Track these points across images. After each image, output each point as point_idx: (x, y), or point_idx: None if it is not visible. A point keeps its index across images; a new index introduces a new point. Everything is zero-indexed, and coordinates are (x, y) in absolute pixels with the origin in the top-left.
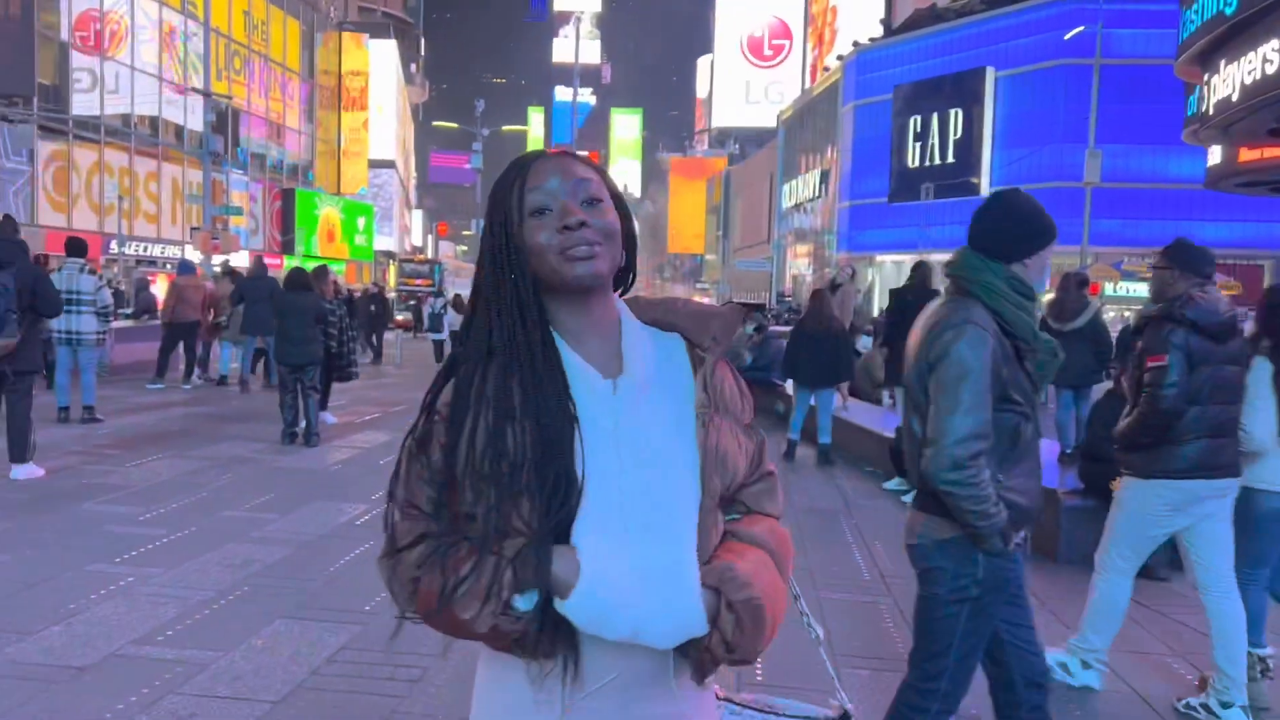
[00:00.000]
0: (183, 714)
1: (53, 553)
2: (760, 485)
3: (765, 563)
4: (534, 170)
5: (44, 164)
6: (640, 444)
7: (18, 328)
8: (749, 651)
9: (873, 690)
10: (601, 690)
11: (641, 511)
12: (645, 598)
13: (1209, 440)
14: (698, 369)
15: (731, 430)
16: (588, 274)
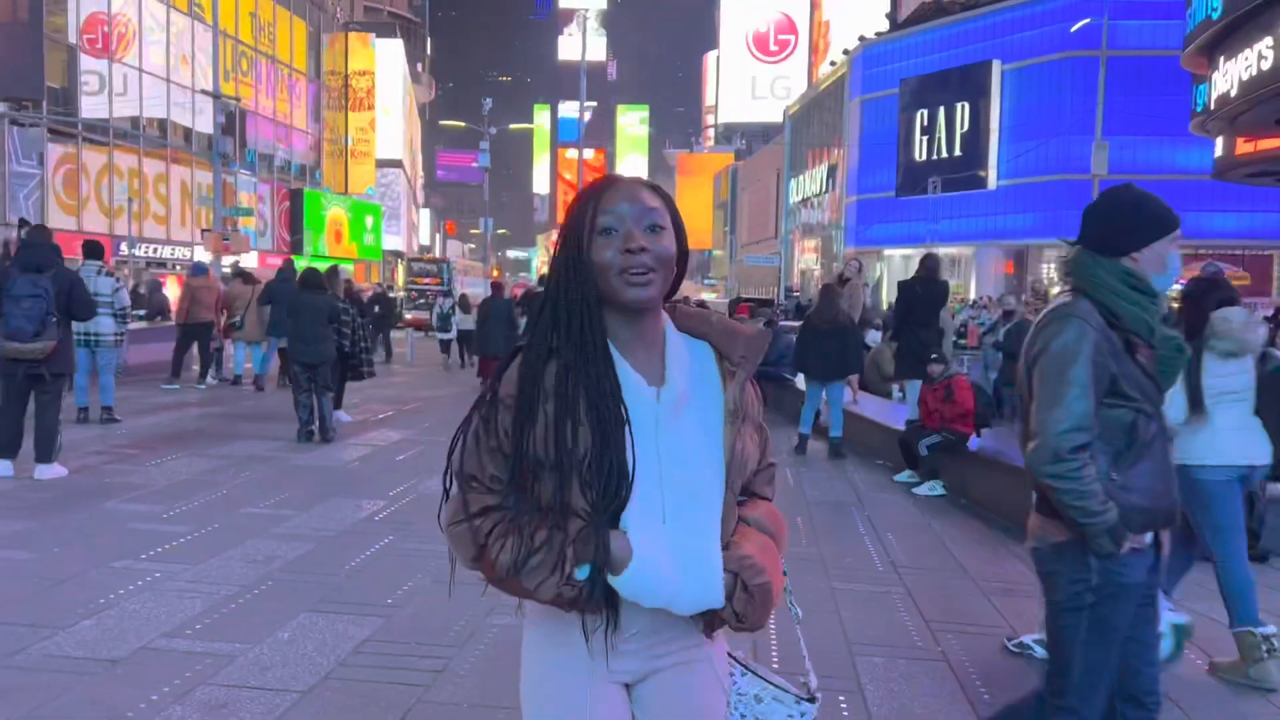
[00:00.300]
0: (215, 704)
1: (79, 550)
2: (764, 474)
3: (770, 548)
4: (607, 194)
5: (54, 167)
6: (677, 446)
7: (55, 331)
8: (757, 622)
9: (888, 677)
10: (634, 635)
11: (677, 503)
12: (679, 577)
13: None
14: (726, 380)
15: (751, 434)
16: (641, 298)
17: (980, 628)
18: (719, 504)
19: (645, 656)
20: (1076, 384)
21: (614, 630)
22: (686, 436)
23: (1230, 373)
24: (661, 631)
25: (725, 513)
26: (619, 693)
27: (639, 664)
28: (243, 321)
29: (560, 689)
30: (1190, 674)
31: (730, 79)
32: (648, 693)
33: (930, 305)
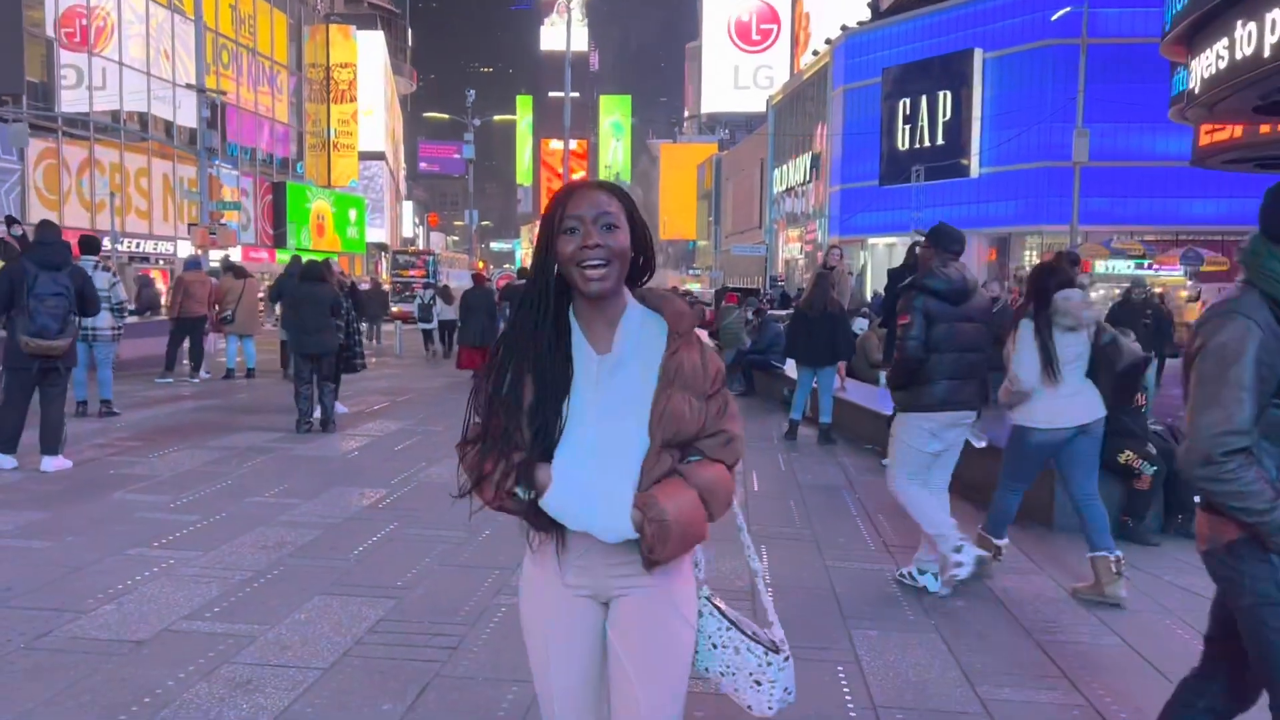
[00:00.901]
0: (240, 681)
1: (93, 539)
2: (714, 439)
3: (689, 497)
4: (572, 198)
5: (34, 162)
6: (611, 401)
7: (73, 327)
8: (660, 555)
9: (883, 648)
10: (586, 555)
11: (603, 447)
12: (592, 506)
13: (950, 381)
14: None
15: (684, 397)
16: (595, 289)
17: (970, 601)
18: (639, 451)
19: (601, 576)
20: (1237, 385)
21: (563, 548)
22: (620, 394)
23: (1069, 344)
24: (611, 557)
25: (650, 461)
26: (585, 605)
27: (594, 582)
28: (234, 315)
29: (534, 596)
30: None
31: (713, 69)
32: (616, 611)
33: None
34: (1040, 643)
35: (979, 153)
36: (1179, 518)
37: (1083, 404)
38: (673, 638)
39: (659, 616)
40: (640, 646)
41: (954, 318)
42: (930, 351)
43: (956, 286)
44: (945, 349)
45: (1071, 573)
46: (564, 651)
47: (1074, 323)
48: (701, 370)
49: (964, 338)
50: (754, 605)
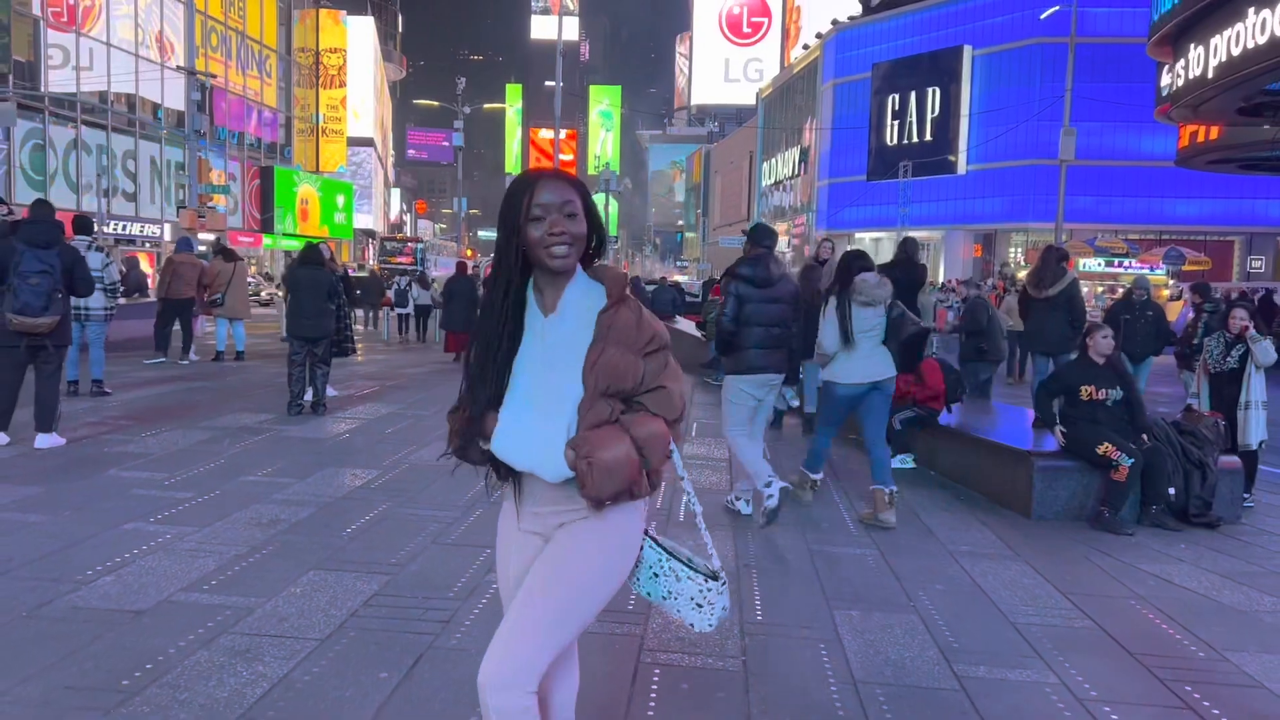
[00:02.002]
0: (239, 649)
1: (89, 514)
2: (653, 395)
3: (621, 442)
4: (538, 187)
5: (20, 142)
6: (552, 355)
7: (60, 305)
8: (591, 492)
9: (864, 628)
10: (539, 502)
11: (544, 396)
12: (532, 448)
13: (760, 350)
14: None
15: (619, 351)
16: (559, 265)
17: (948, 585)
18: (575, 398)
19: (550, 522)
20: None
21: (519, 495)
22: (559, 348)
23: (866, 317)
24: (559, 503)
25: (587, 408)
26: (539, 547)
27: (543, 526)
28: (224, 298)
29: (501, 542)
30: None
31: (703, 61)
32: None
33: (908, 288)
34: (1015, 625)
35: (966, 149)
36: (1153, 509)
37: (875, 365)
38: (579, 567)
39: (579, 546)
40: (542, 562)
41: (761, 299)
42: (742, 325)
43: (761, 274)
44: (754, 323)
45: (1047, 559)
46: (516, 582)
47: (869, 299)
48: (635, 329)
49: (770, 315)
50: (740, 588)
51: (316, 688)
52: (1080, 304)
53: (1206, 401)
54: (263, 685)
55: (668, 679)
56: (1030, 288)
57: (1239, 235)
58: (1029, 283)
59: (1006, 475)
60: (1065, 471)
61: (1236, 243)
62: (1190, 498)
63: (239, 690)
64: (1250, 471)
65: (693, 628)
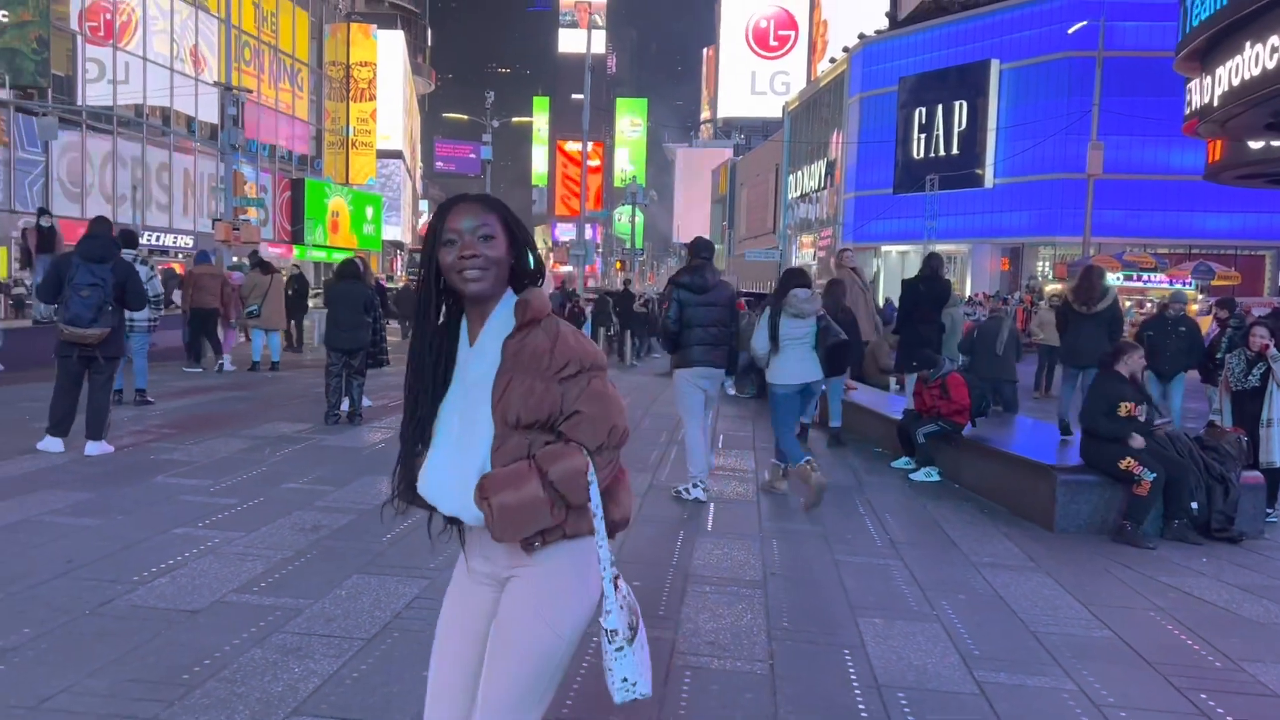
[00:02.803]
0: (290, 648)
1: (140, 518)
2: (570, 420)
3: (526, 481)
4: (452, 212)
5: (58, 154)
6: (469, 389)
7: (111, 318)
8: (498, 535)
9: (888, 635)
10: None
11: (462, 434)
12: (453, 489)
13: (701, 347)
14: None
15: (524, 381)
16: (474, 291)
17: (970, 595)
18: (487, 435)
19: (501, 565)
20: None
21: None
22: (474, 382)
23: (797, 327)
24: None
25: (498, 445)
26: (484, 590)
27: (493, 569)
28: (260, 309)
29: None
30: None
31: (730, 74)
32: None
33: (933, 303)
34: (1035, 634)
35: (993, 163)
36: (1175, 523)
37: (806, 369)
38: (532, 622)
39: (519, 613)
40: (499, 625)
41: (699, 303)
42: (685, 326)
43: (698, 282)
44: (695, 324)
45: (1069, 571)
46: (450, 635)
47: (798, 311)
48: (548, 353)
49: (708, 317)
50: (766, 596)
51: (365, 684)
52: (1121, 320)
53: (1229, 417)
54: (314, 681)
55: (698, 681)
56: (1077, 304)
57: (1270, 250)
58: (1076, 300)
59: (1029, 488)
60: (1087, 485)
61: (1268, 257)
62: (1212, 512)
63: (292, 685)
64: (1272, 487)
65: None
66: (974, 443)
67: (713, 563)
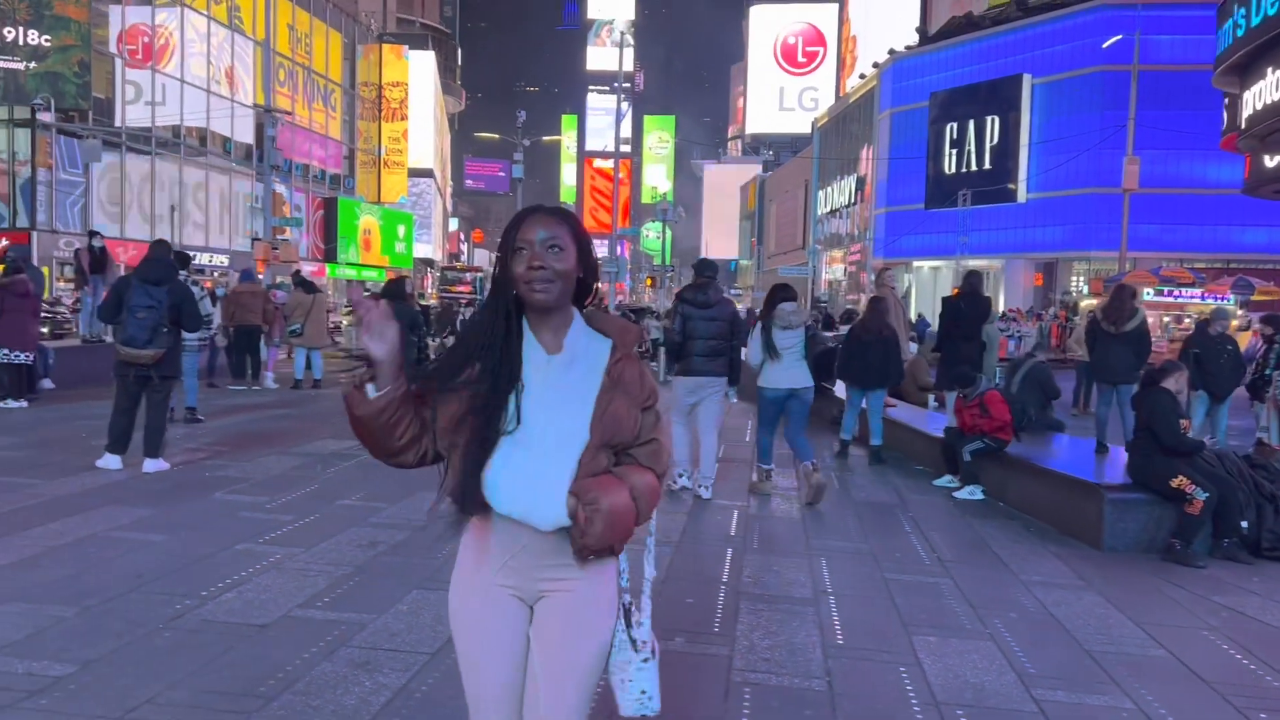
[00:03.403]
0: (358, 661)
1: (203, 534)
2: (646, 447)
3: (622, 492)
4: (526, 222)
5: (98, 175)
6: (559, 398)
7: (165, 339)
8: (592, 540)
9: (942, 652)
10: (518, 554)
11: (546, 438)
12: (530, 491)
13: (701, 358)
14: (612, 360)
15: (624, 404)
16: (540, 301)
17: (1021, 614)
18: (580, 445)
19: (529, 576)
20: None
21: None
22: (567, 391)
23: (787, 337)
24: (543, 556)
25: (588, 455)
26: (513, 604)
27: (522, 582)
28: (303, 328)
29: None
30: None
31: (758, 90)
32: (538, 613)
33: (973, 320)
34: (1090, 652)
35: (1026, 178)
36: (1225, 542)
37: (795, 376)
38: (586, 640)
39: (577, 617)
40: (554, 645)
41: (701, 318)
42: (688, 338)
43: (701, 299)
44: (697, 337)
45: (1120, 590)
46: (493, 650)
47: (786, 324)
48: (639, 383)
49: (709, 331)
50: (819, 613)
51: (434, 697)
52: (1149, 339)
53: (1276, 435)
54: (385, 694)
55: (758, 697)
56: (1106, 324)
57: None
58: (1105, 319)
59: (1076, 507)
60: (1136, 504)
61: None
62: (1263, 531)
63: (364, 698)
64: None
65: (619, 709)
66: (1019, 460)
67: (763, 580)
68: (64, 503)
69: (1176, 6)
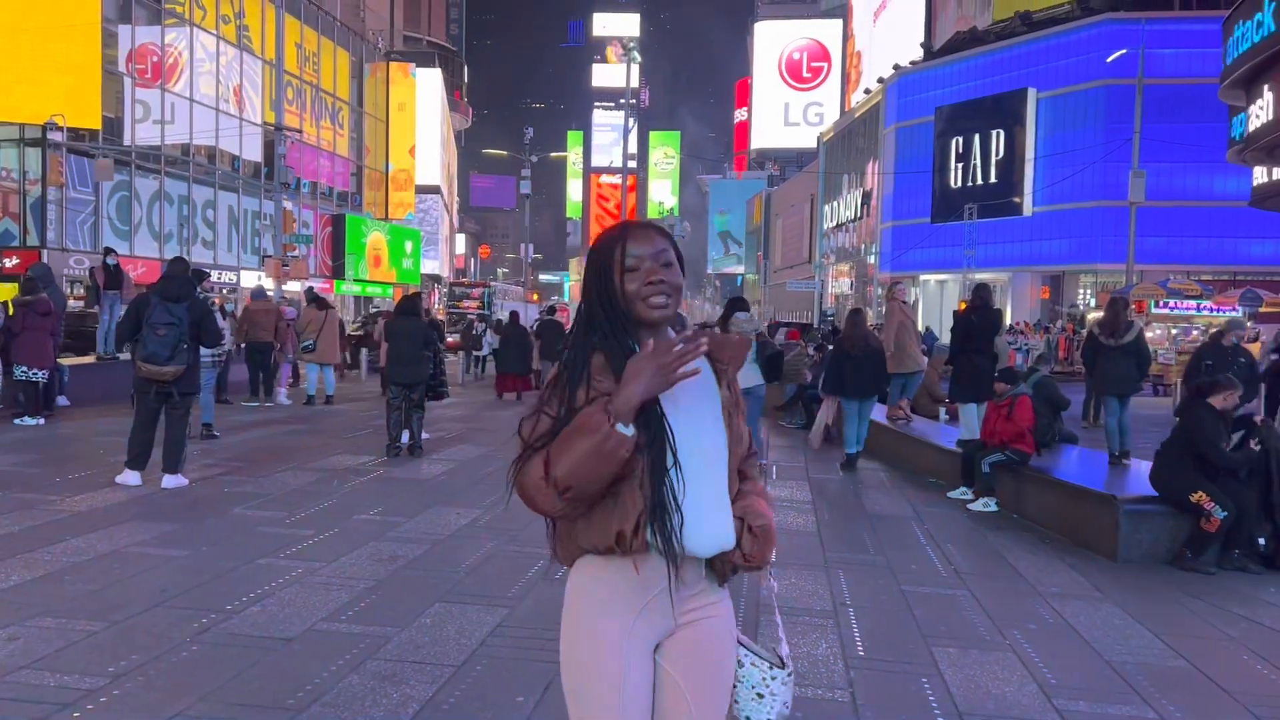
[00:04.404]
0: (385, 674)
1: (224, 549)
2: (751, 460)
3: (767, 506)
4: (632, 237)
5: (107, 194)
6: (689, 421)
7: (186, 356)
8: (760, 560)
9: (963, 663)
10: (663, 594)
11: (693, 464)
12: (696, 522)
13: None
14: (720, 377)
15: (740, 418)
16: (662, 317)
17: (1040, 625)
18: (723, 464)
19: (669, 614)
20: None
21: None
22: (695, 414)
23: None
24: (686, 588)
25: (731, 474)
26: (646, 649)
27: (662, 620)
28: (315, 344)
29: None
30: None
31: (763, 105)
32: (674, 646)
33: (985, 333)
34: (1110, 663)
35: (1032, 191)
36: (1235, 553)
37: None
38: (727, 662)
39: (720, 645)
40: (703, 675)
41: None
42: None
43: None
44: None
45: (1137, 601)
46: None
47: (740, 330)
48: (738, 394)
49: None
50: (839, 625)
51: (461, 709)
52: (1148, 349)
53: None
54: (413, 706)
55: None
56: (1104, 336)
57: None
58: (1103, 333)
59: (1091, 518)
60: (1150, 515)
61: None
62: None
63: (392, 710)
64: None
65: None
66: (1033, 472)
67: (782, 592)
68: (86, 518)
69: (1181, 20)
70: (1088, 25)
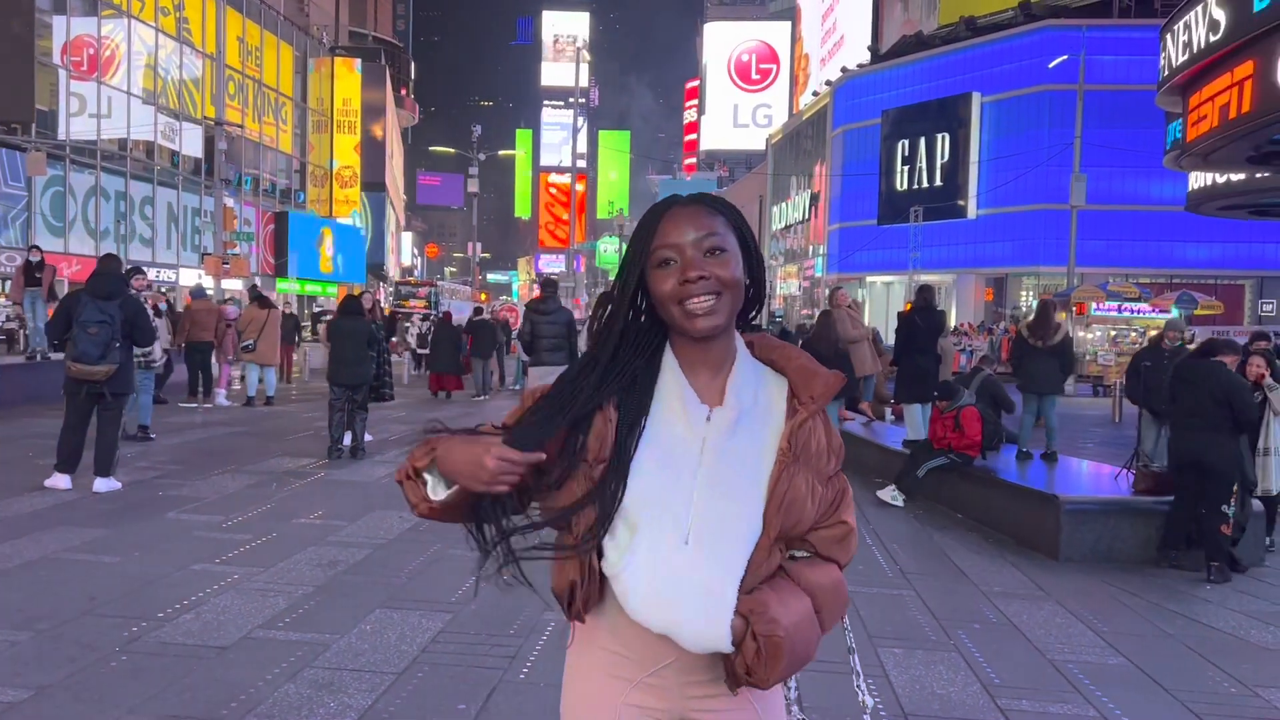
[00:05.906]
0: (323, 683)
1: (157, 555)
2: (830, 531)
3: (804, 608)
4: (666, 219)
5: (41, 188)
6: (720, 471)
7: (118, 355)
8: (763, 679)
9: (908, 664)
10: (661, 671)
11: (704, 528)
12: (686, 606)
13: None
14: (790, 417)
15: (807, 480)
16: (704, 327)
17: (985, 625)
18: (750, 539)
19: (675, 697)
20: None
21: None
22: (731, 463)
23: None
24: (691, 673)
25: (758, 555)
26: None
27: (667, 703)
28: (255, 344)
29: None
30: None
31: (712, 106)
32: None
33: (929, 333)
34: (1052, 661)
35: (976, 194)
36: (1173, 554)
37: None
38: None
39: None
40: None
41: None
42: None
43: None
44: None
45: (1078, 599)
46: None
47: None
48: (826, 448)
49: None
50: None
51: (402, 718)
52: (1073, 351)
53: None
54: (351, 715)
55: None
56: (1033, 339)
57: (1249, 279)
58: (1033, 335)
59: (1033, 518)
60: (1090, 514)
61: (1247, 286)
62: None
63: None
64: (1271, 516)
65: None
66: (977, 472)
67: None
68: (12, 524)
69: (1120, 28)
70: (1030, 31)
